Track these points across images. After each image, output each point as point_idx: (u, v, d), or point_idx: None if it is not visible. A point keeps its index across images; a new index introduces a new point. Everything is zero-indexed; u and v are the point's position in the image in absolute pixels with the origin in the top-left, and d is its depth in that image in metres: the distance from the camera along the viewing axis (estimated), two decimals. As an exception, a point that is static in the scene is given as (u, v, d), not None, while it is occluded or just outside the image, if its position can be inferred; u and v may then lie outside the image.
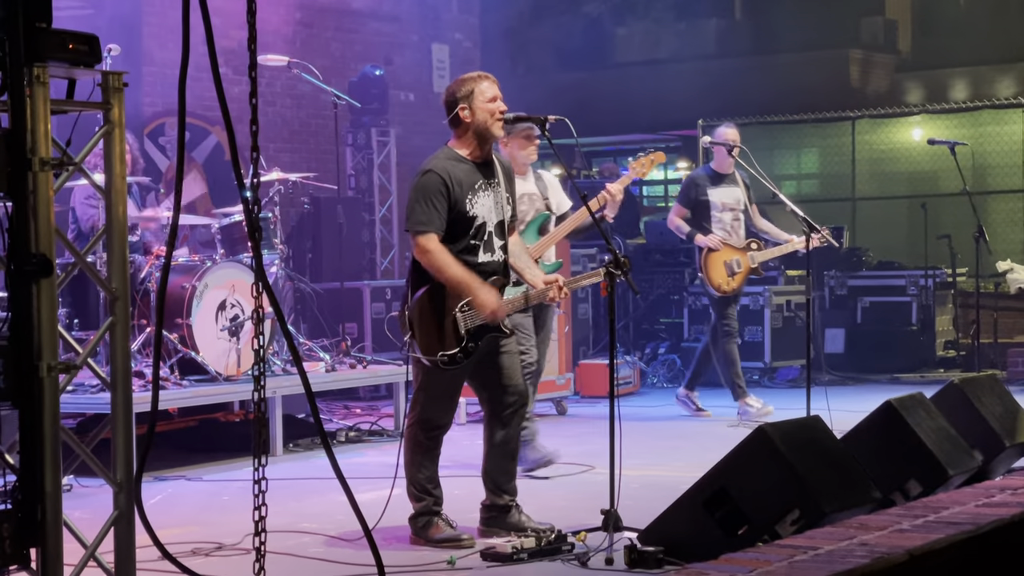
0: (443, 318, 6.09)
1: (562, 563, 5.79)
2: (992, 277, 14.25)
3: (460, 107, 6.22)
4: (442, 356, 6.08)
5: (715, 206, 10.38)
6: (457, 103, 6.22)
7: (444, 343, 6.09)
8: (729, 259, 10.35)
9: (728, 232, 10.40)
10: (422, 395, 6.22)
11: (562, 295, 6.39)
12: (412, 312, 6.12)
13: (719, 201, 10.39)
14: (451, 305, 6.10)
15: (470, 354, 6.13)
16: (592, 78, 21.72)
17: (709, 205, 10.35)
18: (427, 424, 6.24)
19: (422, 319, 6.11)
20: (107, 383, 4.26)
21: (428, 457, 6.27)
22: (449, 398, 6.28)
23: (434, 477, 6.29)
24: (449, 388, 6.24)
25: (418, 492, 6.25)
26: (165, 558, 4.58)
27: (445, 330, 6.09)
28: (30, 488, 3.86)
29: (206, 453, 9.05)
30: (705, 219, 10.38)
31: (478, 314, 6.09)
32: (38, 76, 3.84)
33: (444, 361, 6.08)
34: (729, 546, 5.11)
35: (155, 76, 12.85)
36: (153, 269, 8.94)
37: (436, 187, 6.10)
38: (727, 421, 10.19)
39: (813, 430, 5.85)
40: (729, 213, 10.45)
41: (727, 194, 10.42)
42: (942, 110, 17.68)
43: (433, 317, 6.10)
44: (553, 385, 10.99)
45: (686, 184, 10.67)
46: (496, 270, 6.24)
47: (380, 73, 14.09)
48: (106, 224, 4.19)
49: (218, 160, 13.34)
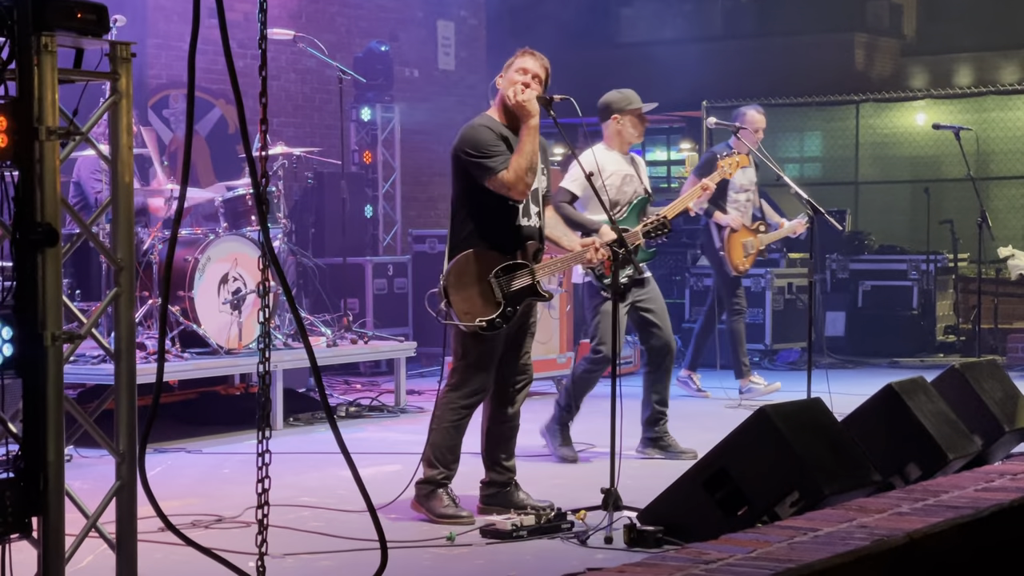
0: (478, 285, 6.14)
1: (561, 541, 5.80)
2: (993, 263, 14.26)
3: (500, 75, 6.30)
4: (480, 322, 6.12)
5: (734, 186, 10.28)
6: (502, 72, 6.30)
7: (482, 309, 6.13)
8: (745, 240, 10.35)
9: (741, 213, 10.40)
10: (462, 363, 6.25)
11: (599, 256, 6.49)
12: (448, 280, 6.16)
13: (738, 182, 10.29)
14: (484, 272, 6.15)
15: (509, 319, 6.18)
16: (597, 57, 21.68)
17: (728, 184, 10.12)
18: (466, 391, 6.26)
19: (458, 286, 6.15)
20: (111, 353, 4.26)
21: (457, 426, 6.29)
22: (488, 365, 6.28)
23: (456, 449, 6.31)
24: (489, 355, 6.25)
25: (435, 459, 6.27)
26: (168, 529, 4.58)
27: (482, 296, 6.13)
28: (32, 457, 3.87)
29: (206, 426, 9.06)
30: (722, 198, 10.27)
31: (512, 280, 6.16)
32: (46, 45, 3.83)
33: (483, 327, 6.12)
34: (728, 527, 5.12)
35: (159, 48, 12.82)
36: (156, 241, 8.94)
37: (487, 135, 6.16)
38: (725, 402, 10.20)
39: (814, 412, 5.85)
40: (744, 194, 10.41)
41: (745, 176, 10.34)
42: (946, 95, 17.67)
43: (468, 284, 6.14)
44: (554, 364, 10.99)
45: (709, 159, 10.37)
46: (532, 235, 6.28)
47: (385, 49, 14.06)
48: (111, 195, 4.19)
49: (221, 133, 13.33)
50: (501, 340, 6.27)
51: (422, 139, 15.13)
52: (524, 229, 6.25)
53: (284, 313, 9.85)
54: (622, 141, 7.85)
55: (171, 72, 12.89)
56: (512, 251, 6.22)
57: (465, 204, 6.24)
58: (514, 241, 6.23)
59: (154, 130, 11.28)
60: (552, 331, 11.00)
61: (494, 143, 6.14)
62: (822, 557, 4.02)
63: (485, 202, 6.18)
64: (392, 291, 12.55)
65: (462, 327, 6.15)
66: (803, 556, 4.04)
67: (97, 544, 4.34)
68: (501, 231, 6.20)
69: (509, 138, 6.22)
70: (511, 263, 6.19)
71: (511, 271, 6.19)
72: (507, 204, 6.18)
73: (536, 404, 8.17)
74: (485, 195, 6.16)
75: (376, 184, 14.13)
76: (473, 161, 6.15)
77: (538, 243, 6.32)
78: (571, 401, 7.75)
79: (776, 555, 4.08)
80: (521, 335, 6.37)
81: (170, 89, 12.86)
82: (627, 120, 7.83)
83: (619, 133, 7.83)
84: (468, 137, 6.20)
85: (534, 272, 6.24)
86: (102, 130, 7.12)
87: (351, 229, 12.16)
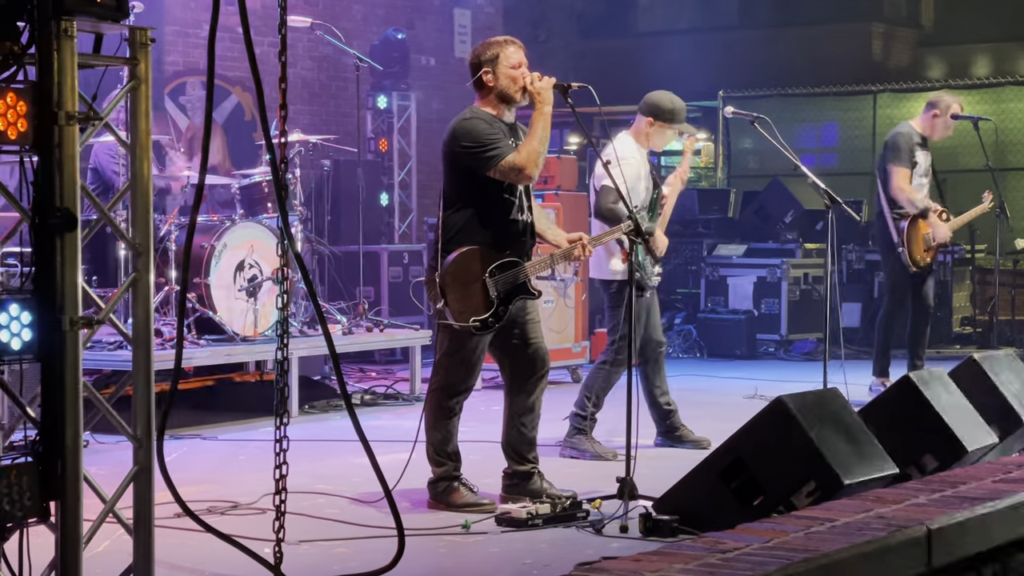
0: (473, 283, 6.10)
1: (576, 530, 5.80)
2: (1011, 255, 14.21)
3: (484, 71, 6.21)
4: (475, 322, 6.09)
5: (919, 170, 9.62)
6: (481, 66, 6.21)
7: (476, 308, 6.10)
8: (925, 232, 9.68)
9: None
10: (447, 360, 6.23)
11: (587, 253, 6.45)
12: (443, 279, 6.11)
13: (923, 165, 9.65)
14: (480, 270, 6.11)
15: (501, 318, 6.15)
16: (613, 47, 21.63)
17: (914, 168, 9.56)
18: (451, 389, 6.25)
19: (454, 285, 6.10)
20: (128, 338, 4.26)
21: (450, 422, 6.29)
22: (473, 363, 6.28)
23: (453, 442, 6.30)
24: (474, 353, 6.25)
25: (439, 456, 6.26)
26: (186, 514, 4.59)
27: (477, 295, 6.10)
28: (50, 442, 3.87)
29: (221, 412, 9.07)
30: None
31: (506, 278, 6.12)
32: (65, 30, 3.83)
33: (477, 326, 6.10)
34: (744, 516, 5.12)
35: (176, 35, 12.84)
36: (172, 228, 8.94)
37: (486, 126, 6.12)
38: (742, 392, 10.18)
39: (831, 402, 5.84)
40: (927, 179, 9.77)
41: (927, 159, 9.72)
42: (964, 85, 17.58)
43: (464, 283, 6.10)
44: (569, 353, 11.00)
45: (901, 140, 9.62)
46: (525, 230, 6.26)
47: (402, 37, 14.05)
48: (130, 180, 4.19)
49: (238, 120, 13.34)
50: (487, 339, 6.25)
51: (438, 127, 15.03)
52: (519, 224, 6.22)
53: (300, 300, 9.86)
54: (646, 143, 7.85)
55: (188, 59, 12.90)
56: (506, 247, 6.17)
57: (459, 199, 6.17)
58: (509, 237, 6.19)
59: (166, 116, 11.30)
60: (568, 320, 11.00)
61: (491, 132, 6.10)
62: (839, 547, 4.02)
63: (481, 197, 6.13)
64: (407, 279, 12.54)
65: (456, 326, 6.13)
66: (820, 546, 4.04)
67: (114, 529, 4.34)
68: (497, 227, 6.16)
69: (504, 129, 6.20)
70: (505, 261, 6.15)
71: (505, 269, 6.15)
72: (503, 199, 6.15)
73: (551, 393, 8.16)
74: (481, 190, 6.12)
75: (392, 172, 14.13)
76: (471, 152, 6.10)
77: (530, 239, 6.29)
78: (588, 406, 7.68)
79: (793, 545, 4.07)
80: (522, 326, 6.31)
81: (187, 76, 12.87)
82: (661, 129, 7.82)
83: (647, 136, 7.82)
84: (463, 130, 6.14)
85: (526, 270, 6.22)
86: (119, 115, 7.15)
87: (367, 217, 12.16)
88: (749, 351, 13.01)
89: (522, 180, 6.09)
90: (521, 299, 6.22)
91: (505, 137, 6.14)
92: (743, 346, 13.03)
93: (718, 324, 13.22)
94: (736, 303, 13.45)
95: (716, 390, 10.56)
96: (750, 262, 13.55)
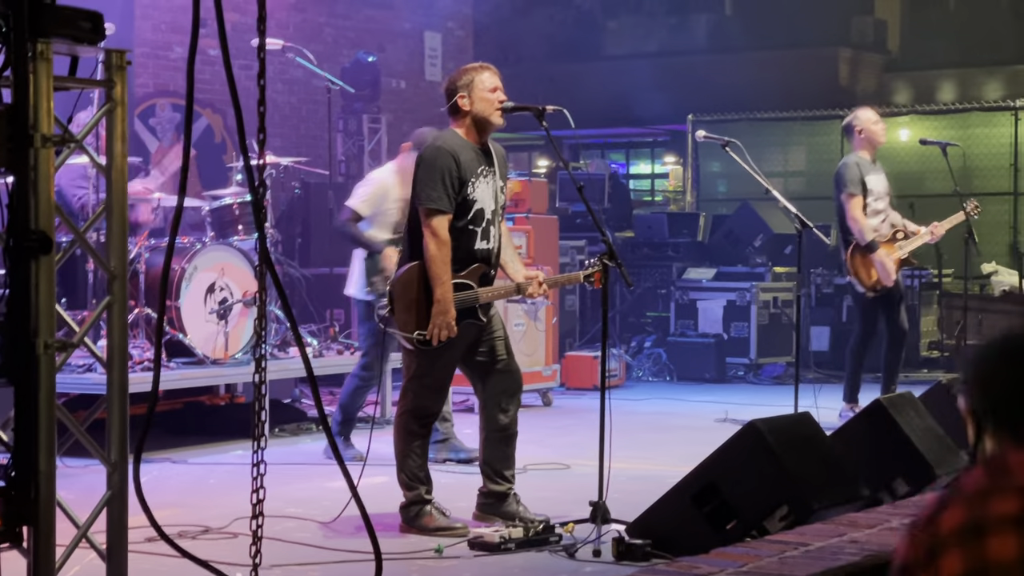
0: (422, 298, 6.09)
1: (549, 554, 5.80)
2: (977, 279, 14.29)
3: (459, 95, 6.21)
4: (418, 335, 6.08)
5: (872, 193, 9.51)
6: (457, 91, 6.22)
7: (420, 322, 6.09)
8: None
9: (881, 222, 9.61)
10: (414, 383, 6.22)
11: (541, 291, 6.41)
12: (395, 287, 6.14)
13: (879, 188, 9.54)
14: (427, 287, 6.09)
15: None
16: (583, 70, 21.72)
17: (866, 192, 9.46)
18: (419, 412, 6.24)
19: (403, 295, 6.11)
20: (103, 362, 4.24)
21: (419, 445, 6.28)
22: (440, 387, 6.28)
23: (424, 465, 6.29)
24: (440, 376, 6.24)
25: (409, 480, 6.25)
26: (161, 539, 4.56)
27: (423, 310, 6.08)
28: (24, 466, 3.85)
29: (190, 436, 9.03)
30: None
31: (456, 300, 6.09)
32: (41, 52, 3.82)
33: (419, 340, 6.08)
34: (717, 541, 5.13)
35: (146, 56, 12.80)
36: (143, 250, 8.91)
37: (447, 164, 6.08)
38: (713, 416, 10.20)
39: (803, 427, 5.86)
40: (883, 201, 9.62)
41: (881, 180, 9.63)
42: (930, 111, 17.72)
43: (414, 295, 6.09)
44: (539, 376, 10.99)
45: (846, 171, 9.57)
46: (488, 258, 6.24)
47: (372, 60, 14.07)
48: (106, 203, 4.18)
49: (208, 142, 13.30)
50: (455, 361, 6.25)
51: (408, 150, 15.11)
52: (479, 253, 6.21)
53: (269, 323, 9.82)
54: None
55: (158, 80, 12.87)
56: (462, 270, 6.15)
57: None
58: (467, 260, 6.18)
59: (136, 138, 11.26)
60: (538, 343, 11.01)
61: (446, 174, 6.06)
62: (813, 572, 4.03)
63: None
64: (378, 302, 12.51)
65: (400, 337, 6.12)
66: (794, 571, 4.05)
67: (86, 554, 4.31)
68: (458, 254, 6.13)
69: (477, 154, 6.20)
70: (456, 282, 6.13)
71: (455, 290, 6.12)
72: (468, 228, 6.15)
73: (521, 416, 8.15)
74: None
75: (362, 195, 14.09)
76: (417, 180, 6.13)
77: (488, 267, 6.26)
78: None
79: (767, 569, 4.08)
80: (489, 343, 6.30)
81: (156, 98, 12.84)
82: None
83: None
84: (427, 157, 6.15)
85: (478, 295, 6.21)
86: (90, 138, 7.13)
87: (337, 240, 12.13)
88: (718, 375, 13.03)
89: (425, 242, 6.07)
90: (468, 323, 6.20)
91: (466, 174, 6.11)
92: (712, 370, 13.05)
93: (687, 348, 13.24)
94: (706, 327, 13.48)
95: (686, 413, 10.57)
96: (720, 285, 13.58)
